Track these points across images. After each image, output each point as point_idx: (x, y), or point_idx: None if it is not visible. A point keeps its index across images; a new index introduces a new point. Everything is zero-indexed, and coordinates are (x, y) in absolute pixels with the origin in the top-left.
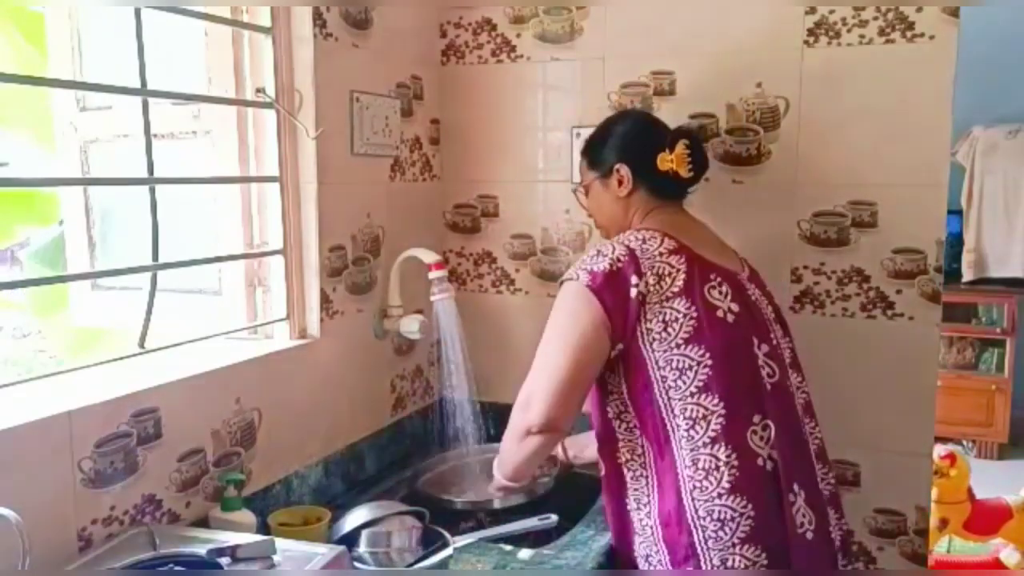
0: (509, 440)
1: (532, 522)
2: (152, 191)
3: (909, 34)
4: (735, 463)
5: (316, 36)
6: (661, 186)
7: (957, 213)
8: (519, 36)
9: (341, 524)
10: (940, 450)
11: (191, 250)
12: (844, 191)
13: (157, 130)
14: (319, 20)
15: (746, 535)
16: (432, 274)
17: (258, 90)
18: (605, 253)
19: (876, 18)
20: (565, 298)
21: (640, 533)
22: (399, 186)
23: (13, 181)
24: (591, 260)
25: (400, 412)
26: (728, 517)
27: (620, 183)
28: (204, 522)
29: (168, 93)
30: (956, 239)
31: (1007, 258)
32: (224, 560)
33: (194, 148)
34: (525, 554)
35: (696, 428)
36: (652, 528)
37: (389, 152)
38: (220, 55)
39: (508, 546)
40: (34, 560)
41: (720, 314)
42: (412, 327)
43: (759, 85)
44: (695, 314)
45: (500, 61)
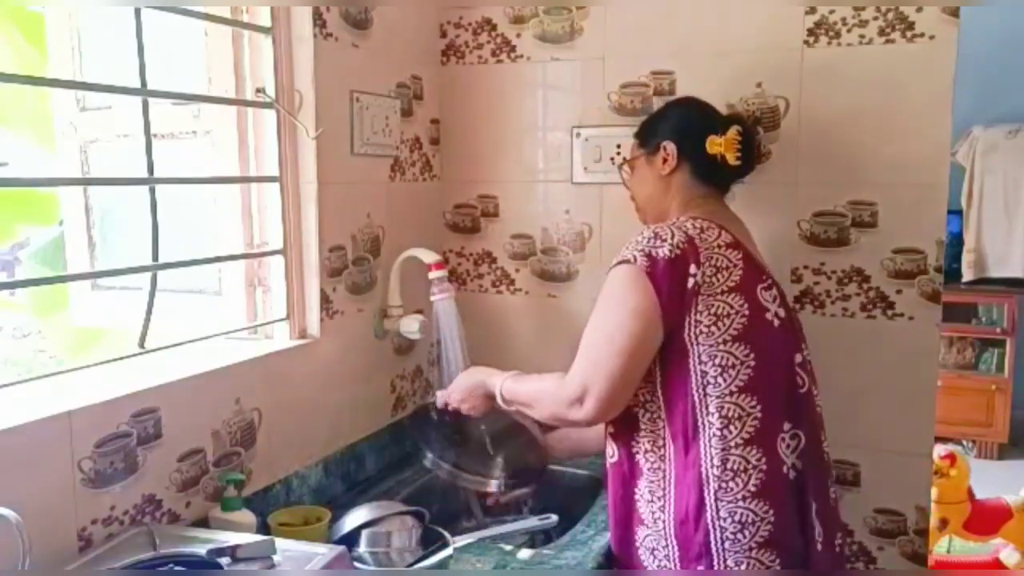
0: (546, 406)
1: (532, 522)
2: (152, 191)
3: (909, 34)
4: (763, 467)
5: (316, 36)
6: (706, 170)
7: (957, 213)
8: (519, 36)
9: (341, 524)
10: (940, 450)
11: (191, 250)
12: (844, 191)
13: (157, 130)
14: (319, 20)
15: (764, 540)
16: (432, 274)
17: (258, 90)
18: (664, 237)
19: (876, 18)
20: (620, 282)
21: (649, 526)
22: (399, 186)
23: (13, 181)
24: (648, 243)
25: (400, 412)
26: (749, 520)
27: (664, 160)
28: (204, 522)
29: (168, 93)
30: (956, 239)
31: (1007, 258)
32: (224, 560)
33: (194, 148)
34: (525, 554)
35: (731, 428)
36: (664, 523)
37: (389, 152)
38: (220, 55)
39: (508, 546)
40: (34, 560)
41: (768, 316)
42: (412, 327)
43: (759, 85)
44: (747, 312)
45: (500, 61)
